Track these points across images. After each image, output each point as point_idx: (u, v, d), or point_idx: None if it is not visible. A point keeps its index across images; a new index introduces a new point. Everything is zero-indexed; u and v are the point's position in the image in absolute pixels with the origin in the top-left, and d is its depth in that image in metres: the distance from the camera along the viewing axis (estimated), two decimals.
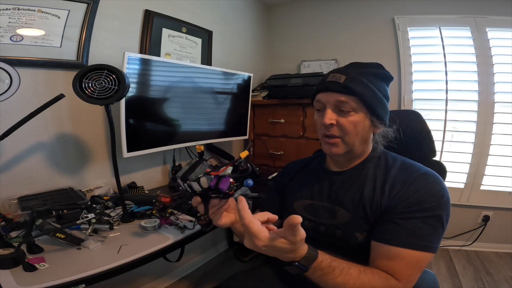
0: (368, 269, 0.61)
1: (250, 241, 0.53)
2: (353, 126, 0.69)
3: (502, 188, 1.95)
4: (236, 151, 2.16)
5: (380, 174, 0.72)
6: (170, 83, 1.38)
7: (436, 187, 0.65)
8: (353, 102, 0.68)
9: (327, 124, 0.69)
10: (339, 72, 0.70)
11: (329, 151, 0.74)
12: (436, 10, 1.94)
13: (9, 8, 1.00)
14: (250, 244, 0.53)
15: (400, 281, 0.61)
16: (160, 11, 1.51)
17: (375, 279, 0.60)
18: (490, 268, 1.85)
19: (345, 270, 0.59)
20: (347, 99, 0.68)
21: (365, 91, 0.68)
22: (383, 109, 0.71)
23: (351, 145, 0.72)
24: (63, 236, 0.80)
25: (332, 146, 0.72)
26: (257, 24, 2.37)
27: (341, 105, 0.69)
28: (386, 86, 0.74)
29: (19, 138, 1.06)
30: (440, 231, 0.63)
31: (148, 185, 1.51)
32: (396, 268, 0.61)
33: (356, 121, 0.69)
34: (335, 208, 0.75)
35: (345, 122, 0.69)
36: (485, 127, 1.90)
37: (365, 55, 2.13)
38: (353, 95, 0.67)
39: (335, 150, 0.72)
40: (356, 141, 0.71)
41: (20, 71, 0.86)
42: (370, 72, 0.71)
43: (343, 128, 0.69)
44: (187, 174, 0.63)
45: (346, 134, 0.70)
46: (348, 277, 0.58)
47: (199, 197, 0.65)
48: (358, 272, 0.60)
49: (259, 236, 0.51)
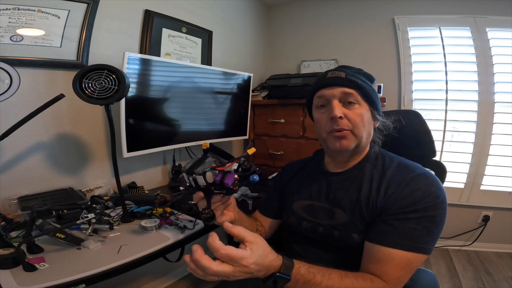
0: (349, 273, 0.61)
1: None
2: (360, 118, 0.70)
3: (502, 188, 1.95)
4: (236, 151, 2.16)
5: (377, 175, 0.72)
6: (170, 83, 1.38)
7: (432, 188, 0.64)
8: (357, 94, 0.71)
9: (337, 117, 0.68)
10: (337, 71, 0.74)
11: (339, 145, 0.71)
12: (436, 10, 1.94)
13: (9, 8, 1.00)
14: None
15: (388, 283, 0.60)
16: (160, 11, 1.51)
17: (359, 281, 0.60)
18: (490, 268, 1.85)
19: (326, 275, 0.58)
20: (352, 91, 0.70)
21: (364, 84, 0.72)
22: (379, 103, 0.76)
23: (360, 138, 0.71)
24: (63, 236, 0.80)
25: (342, 139, 0.70)
26: (257, 24, 2.37)
27: (347, 97, 0.70)
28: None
29: (19, 138, 1.06)
30: (434, 232, 0.62)
31: (148, 185, 1.51)
32: (385, 269, 0.61)
33: (362, 113, 0.71)
34: (333, 208, 0.75)
35: (352, 114, 0.70)
36: (485, 127, 1.90)
37: (365, 55, 2.14)
38: (355, 88, 0.70)
39: (345, 143, 0.70)
40: (364, 133, 0.72)
41: (20, 71, 0.86)
42: (359, 71, 0.76)
43: (352, 121, 0.70)
44: (193, 168, 0.62)
45: (355, 127, 0.70)
46: (331, 282, 0.57)
47: (201, 192, 0.65)
48: (339, 276, 0.59)
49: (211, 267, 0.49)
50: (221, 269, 0.48)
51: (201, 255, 0.50)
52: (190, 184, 0.64)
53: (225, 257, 0.49)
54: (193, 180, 0.62)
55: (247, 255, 0.50)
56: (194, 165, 0.63)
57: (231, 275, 0.50)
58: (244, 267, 0.50)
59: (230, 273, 0.49)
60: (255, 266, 0.51)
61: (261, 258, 0.52)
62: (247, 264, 0.50)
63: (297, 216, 0.82)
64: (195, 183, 0.63)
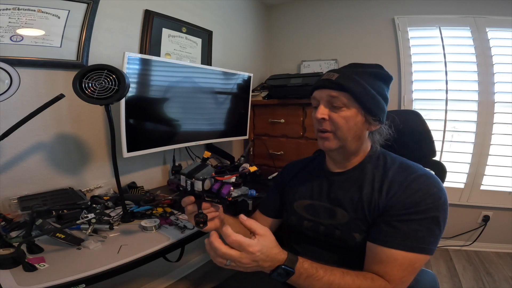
0: (350, 271, 0.62)
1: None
2: (345, 121, 0.70)
3: (502, 188, 1.95)
4: (236, 151, 2.16)
5: (379, 175, 0.72)
6: (170, 83, 1.38)
7: (433, 189, 0.65)
8: (344, 97, 0.69)
9: (319, 118, 0.72)
10: (333, 71, 0.73)
11: (322, 145, 0.76)
12: (436, 10, 1.94)
13: (9, 8, 1.00)
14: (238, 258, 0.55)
15: (391, 282, 0.61)
16: (160, 11, 1.51)
17: (360, 279, 0.61)
18: (490, 268, 1.85)
19: (328, 271, 0.60)
20: (338, 95, 0.70)
21: (355, 87, 0.69)
22: (377, 106, 0.71)
23: (343, 140, 0.72)
24: (63, 236, 0.80)
25: (325, 140, 0.74)
26: (257, 24, 2.37)
27: (333, 101, 0.71)
28: (384, 85, 0.74)
29: (19, 138, 1.06)
30: (436, 232, 0.63)
31: (148, 185, 1.51)
32: (388, 269, 0.62)
33: (348, 116, 0.70)
34: (335, 208, 0.75)
35: (336, 117, 0.71)
36: (485, 127, 1.89)
37: (365, 55, 2.14)
38: (343, 91, 0.69)
39: (328, 144, 0.74)
40: (348, 136, 0.72)
41: (20, 71, 0.86)
42: (366, 71, 0.72)
43: (335, 123, 0.71)
44: (194, 173, 0.65)
45: (338, 129, 0.71)
46: (333, 278, 0.59)
47: (193, 197, 0.68)
48: (341, 273, 0.61)
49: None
50: (229, 252, 0.54)
51: (215, 238, 0.56)
52: (185, 187, 0.67)
53: (234, 242, 0.54)
54: (191, 184, 0.65)
55: (253, 243, 0.55)
56: (195, 169, 0.66)
57: (238, 261, 0.54)
58: (250, 254, 0.54)
59: (237, 258, 0.54)
60: (261, 254, 0.55)
61: (267, 249, 0.56)
62: (253, 251, 0.54)
63: (298, 216, 0.83)
64: (191, 187, 0.65)
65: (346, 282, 0.59)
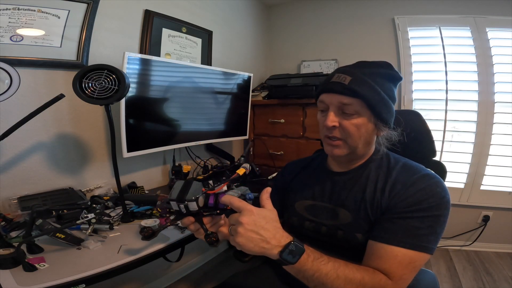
0: (351, 263, 0.61)
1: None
2: (356, 129, 0.68)
3: (502, 188, 1.95)
4: (236, 151, 2.16)
5: (382, 175, 0.72)
6: (170, 83, 1.38)
7: (437, 189, 0.64)
8: (357, 104, 0.66)
9: (330, 127, 0.69)
10: (344, 73, 0.68)
11: (331, 152, 0.73)
12: (436, 10, 1.94)
13: (9, 8, 1.00)
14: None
15: (391, 279, 0.60)
16: (160, 11, 1.51)
17: (362, 269, 0.60)
18: (490, 268, 1.85)
19: (331, 258, 0.59)
20: (350, 102, 0.66)
21: (370, 93, 0.66)
22: (388, 112, 0.70)
23: (353, 147, 0.71)
24: (63, 236, 0.80)
25: (334, 148, 0.72)
26: (257, 24, 2.37)
27: (345, 108, 0.67)
28: (393, 87, 0.72)
29: (19, 138, 1.06)
30: (438, 231, 0.62)
31: (148, 185, 1.51)
32: (387, 266, 0.61)
33: (360, 124, 0.68)
34: (337, 208, 0.75)
35: (348, 124, 0.68)
36: (485, 127, 1.89)
37: (365, 55, 2.13)
38: (357, 98, 0.66)
39: (337, 151, 0.72)
40: (359, 143, 0.70)
41: (20, 71, 0.86)
42: (378, 73, 0.69)
43: (346, 131, 0.68)
44: (183, 195, 0.61)
45: (349, 137, 0.69)
46: (337, 264, 0.58)
47: (192, 217, 0.64)
48: (344, 262, 0.60)
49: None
50: (236, 202, 0.57)
51: (232, 195, 0.60)
52: (179, 211, 0.63)
53: (239, 204, 0.57)
54: (185, 207, 0.61)
55: (255, 208, 0.56)
56: (182, 192, 0.62)
57: (241, 218, 0.54)
58: (249, 212, 0.55)
59: (240, 206, 0.56)
60: (262, 219, 0.55)
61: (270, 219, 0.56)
62: (251, 208, 0.55)
63: (299, 216, 0.82)
64: (186, 210, 0.62)
65: (351, 270, 0.58)
